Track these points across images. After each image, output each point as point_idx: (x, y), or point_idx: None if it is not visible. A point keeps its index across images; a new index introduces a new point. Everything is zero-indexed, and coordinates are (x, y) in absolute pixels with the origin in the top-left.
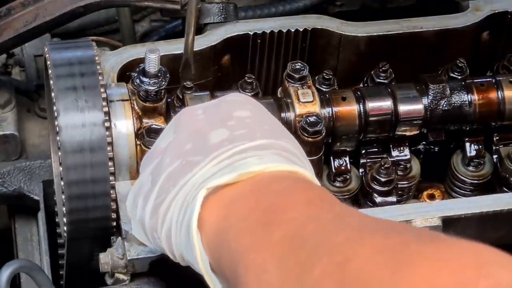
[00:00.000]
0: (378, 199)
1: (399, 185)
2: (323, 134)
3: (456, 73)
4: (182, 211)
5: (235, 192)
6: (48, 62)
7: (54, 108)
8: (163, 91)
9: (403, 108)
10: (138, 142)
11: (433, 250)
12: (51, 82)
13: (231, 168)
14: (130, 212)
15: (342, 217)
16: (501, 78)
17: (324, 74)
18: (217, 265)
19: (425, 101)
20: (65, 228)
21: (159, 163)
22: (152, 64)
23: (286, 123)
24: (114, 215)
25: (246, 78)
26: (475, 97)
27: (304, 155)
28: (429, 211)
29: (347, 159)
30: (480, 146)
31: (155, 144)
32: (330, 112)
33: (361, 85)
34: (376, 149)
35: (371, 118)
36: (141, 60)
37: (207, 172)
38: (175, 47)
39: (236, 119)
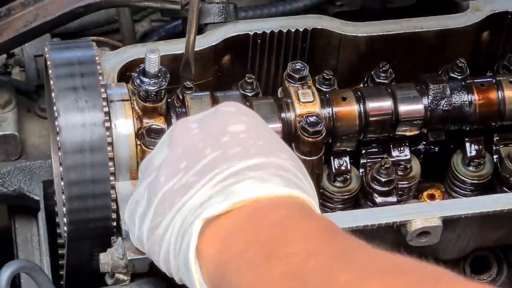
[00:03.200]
0: (379, 199)
1: (399, 185)
2: (323, 134)
3: (456, 73)
4: (179, 237)
5: (232, 222)
6: (48, 62)
7: (54, 108)
8: (163, 91)
9: (403, 108)
10: (139, 142)
11: None
12: (51, 82)
13: (227, 193)
14: (129, 226)
15: (344, 252)
16: (501, 78)
17: (324, 74)
18: None
19: (425, 101)
20: (65, 228)
21: (154, 180)
22: (152, 64)
23: (286, 123)
24: (114, 215)
25: (246, 78)
26: (475, 97)
27: (301, 168)
28: (429, 211)
29: (347, 159)
30: (480, 146)
31: (151, 156)
32: (330, 112)
33: (361, 85)
34: (376, 149)
35: (371, 118)
36: (141, 60)
37: (203, 195)
38: (175, 47)
39: (231, 135)
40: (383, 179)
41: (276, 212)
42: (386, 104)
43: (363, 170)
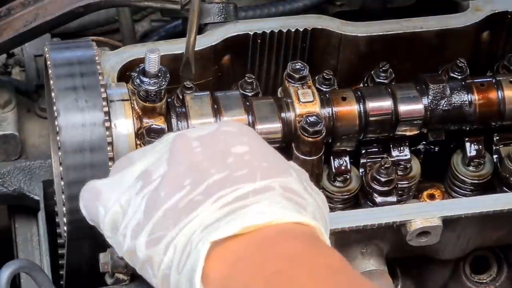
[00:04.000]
0: (378, 199)
1: (399, 185)
2: (323, 134)
3: (456, 73)
4: (183, 257)
5: (240, 248)
6: (48, 62)
7: (54, 108)
8: (163, 91)
9: (403, 108)
10: (138, 142)
11: None
12: (51, 82)
13: (235, 216)
14: (111, 236)
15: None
16: (501, 78)
17: (324, 74)
18: None
19: (425, 101)
20: (65, 228)
21: (154, 193)
22: (152, 64)
23: (286, 123)
24: None
25: (246, 78)
26: (475, 97)
27: (308, 180)
28: (429, 211)
29: (347, 159)
30: (480, 146)
31: (145, 169)
32: (330, 112)
33: (361, 85)
34: (376, 149)
35: (371, 118)
36: (141, 60)
37: (209, 216)
38: (175, 47)
39: (235, 156)
40: (383, 179)
41: (285, 243)
42: (386, 104)
43: (363, 170)
